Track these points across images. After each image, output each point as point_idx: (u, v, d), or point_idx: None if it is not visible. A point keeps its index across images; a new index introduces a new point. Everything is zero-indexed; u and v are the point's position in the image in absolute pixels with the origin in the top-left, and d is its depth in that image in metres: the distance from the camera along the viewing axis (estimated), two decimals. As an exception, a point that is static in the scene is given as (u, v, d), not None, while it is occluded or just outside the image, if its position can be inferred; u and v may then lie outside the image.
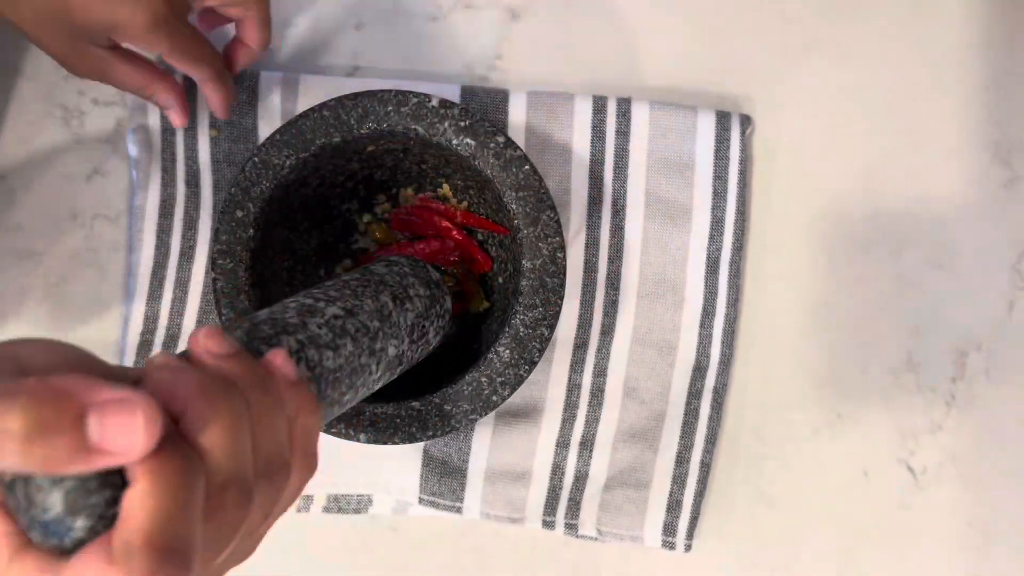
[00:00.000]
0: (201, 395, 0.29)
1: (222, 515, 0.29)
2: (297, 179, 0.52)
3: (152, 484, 0.26)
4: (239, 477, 0.30)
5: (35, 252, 0.62)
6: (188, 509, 0.27)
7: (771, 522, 0.61)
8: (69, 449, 0.25)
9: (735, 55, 0.62)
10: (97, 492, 0.27)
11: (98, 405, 0.26)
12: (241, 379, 0.32)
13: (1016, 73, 0.62)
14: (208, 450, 0.29)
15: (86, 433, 0.25)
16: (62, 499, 0.26)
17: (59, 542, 0.27)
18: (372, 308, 0.44)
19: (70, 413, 0.25)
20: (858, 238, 0.61)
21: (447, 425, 0.50)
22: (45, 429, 0.25)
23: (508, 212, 0.51)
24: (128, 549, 0.26)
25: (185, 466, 0.27)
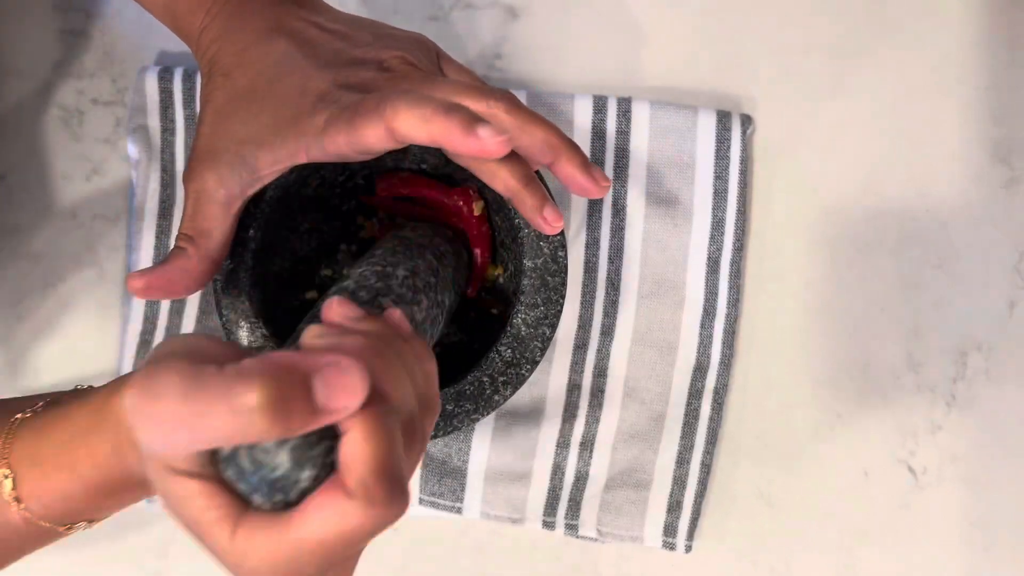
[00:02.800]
0: (372, 350, 0.33)
1: (412, 448, 0.34)
2: (297, 179, 0.52)
3: (368, 430, 0.30)
4: (412, 416, 0.34)
5: (35, 252, 0.62)
6: (397, 445, 0.31)
7: (771, 522, 0.61)
8: (303, 413, 0.29)
9: (735, 55, 0.62)
10: (317, 445, 0.30)
11: (319, 370, 0.29)
12: (384, 334, 0.35)
13: (1016, 73, 0.62)
14: (392, 395, 0.32)
15: (314, 396, 0.29)
16: (289, 456, 0.30)
17: (284, 496, 0.31)
18: (424, 266, 0.47)
19: (300, 382, 0.29)
20: (858, 238, 0.61)
21: (449, 425, 0.50)
22: (284, 399, 0.28)
23: (509, 211, 0.50)
24: (363, 483, 0.30)
25: (385, 412, 0.31)
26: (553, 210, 0.46)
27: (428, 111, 0.41)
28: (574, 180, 0.45)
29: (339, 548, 0.31)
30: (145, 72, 0.61)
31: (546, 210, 0.46)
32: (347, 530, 0.30)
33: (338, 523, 0.30)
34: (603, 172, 0.46)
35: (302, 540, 0.30)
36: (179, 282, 0.47)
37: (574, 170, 0.45)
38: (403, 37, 0.49)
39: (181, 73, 0.61)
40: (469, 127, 0.41)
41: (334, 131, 0.44)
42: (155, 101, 0.61)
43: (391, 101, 0.42)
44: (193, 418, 0.29)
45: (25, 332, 0.62)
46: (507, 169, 0.45)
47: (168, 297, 0.48)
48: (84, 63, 0.63)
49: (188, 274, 0.47)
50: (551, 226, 0.46)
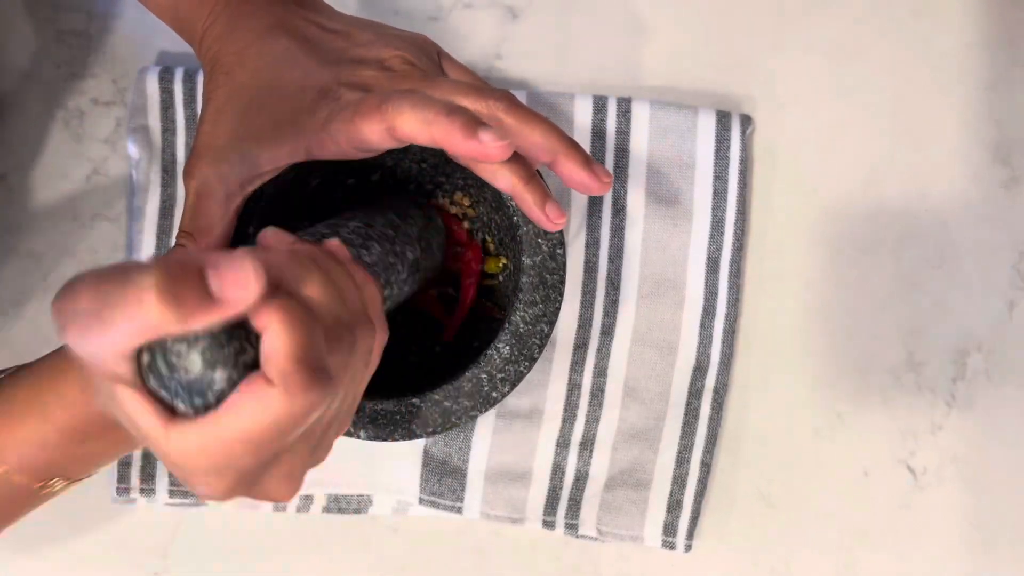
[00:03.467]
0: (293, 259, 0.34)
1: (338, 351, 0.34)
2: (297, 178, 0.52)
3: (284, 322, 0.31)
4: (340, 320, 0.34)
5: (35, 252, 0.62)
6: (316, 337, 0.32)
7: (771, 522, 0.61)
8: (194, 299, 0.29)
9: (735, 55, 0.62)
10: (228, 344, 0.31)
11: (212, 263, 0.30)
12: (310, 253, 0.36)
13: (1016, 73, 0.62)
14: (311, 298, 0.33)
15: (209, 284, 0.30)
16: (200, 356, 0.31)
17: (203, 400, 0.31)
18: (383, 222, 0.48)
19: (193, 269, 0.29)
20: (858, 238, 0.61)
21: (447, 422, 0.50)
22: (174, 282, 0.29)
23: (508, 209, 0.51)
24: (283, 372, 0.31)
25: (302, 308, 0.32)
26: (555, 207, 0.46)
27: (430, 113, 0.41)
28: (576, 177, 0.45)
29: (267, 437, 0.32)
30: (146, 72, 0.61)
31: (548, 207, 0.46)
32: (270, 418, 0.31)
33: (260, 412, 0.31)
34: (605, 168, 0.46)
35: (228, 434, 0.31)
36: None
37: (575, 167, 0.45)
38: (404, 37, 0.49)
39: (182, 73, 0.61)
40: (471, 130, 0.41)
41: (334, 129, 0.44)
42: (156, 101, 0.61)
43: (393, 101, 0.42)
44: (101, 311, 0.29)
45: (25, 332, 0.62)
46: (508, 168, 0.45)
47: None
48: (85, 63, 0.63)
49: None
50: (553, 223, 0.46)
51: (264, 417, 0.31)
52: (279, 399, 0.31)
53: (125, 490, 0.60)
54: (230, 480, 0.33)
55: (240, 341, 0.31)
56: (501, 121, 0.44)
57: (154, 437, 0.32)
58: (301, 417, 0.32)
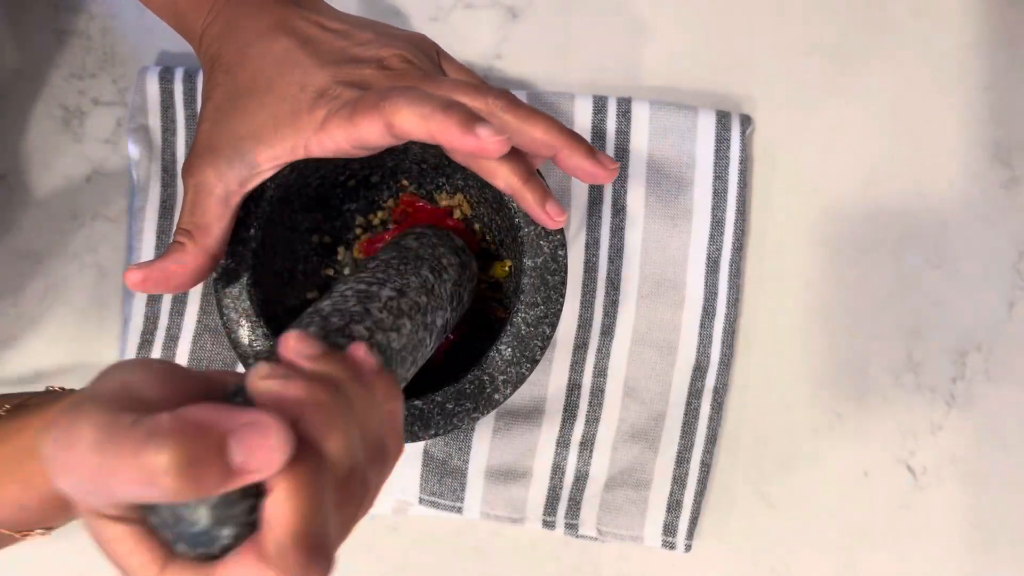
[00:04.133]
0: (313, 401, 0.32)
1: (347, 505, 0.32)
2: (298, 179, 0.52)
3: (291, 490, 0.29)
4: (356, 468, 0.33)
5: (35, 252, 0.62)
6: (324, 507, 0.30)
7: (771, 522, 0.61)
8: (217, 475, 0.28)
9: (735, 55, 0.62)
10: (239, 503, 0.29)
11: (236, 431, 0.28)
12: (337, 376, 0.34)
13: (1016, 73, 0.62)
14: (328, 450, 0.31)
15: (231, 457, 0.28)
16: (208, 513, 0.29)
17: (207, 550, 0.30)
18: (417, 284, 0.46)
19: (214, 443, 0.28)
20: (858, 238, 0.62)
21: (449, 423, 0.50)
22: (195, 462, 0.27)
23: (509, 210, 0.50)
24: (280, 549, 0.29)
25: (315, 469, 0.30)
26: (555, 205, 0.46)
27: (427, 108, 0.41)
28: (581, 169, 0.45)
29: None
30: (146, 72, 0.61)
31: (548, 205, 0.46)
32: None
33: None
34: (609, 156, 0.46)
35: None
36: (177, 276, 0.47)
37: (580, 159, 0.45)
38: (403, 36, 0.49)
39: (182, 73, 0.61)
40: (468, 125, 0.41)
41: (333, 126, 0.44)
42: (156, 101, 0.61)
43: (391, 98, 0.42)
44: (104, 473, 0.28)
45: (25, 332, 0.62)
46: (508, 166, 0.45)
47: (166, 291, 0.48)
48: (85, 63, 0.63)
49: (186, 268, 0.47)
50: (554, 220, 0.46)
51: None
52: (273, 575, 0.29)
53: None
54: None
55: (253, 499, 0.30)
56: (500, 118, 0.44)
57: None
58: None
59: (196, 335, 0.61)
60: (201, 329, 0.61)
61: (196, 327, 0.61)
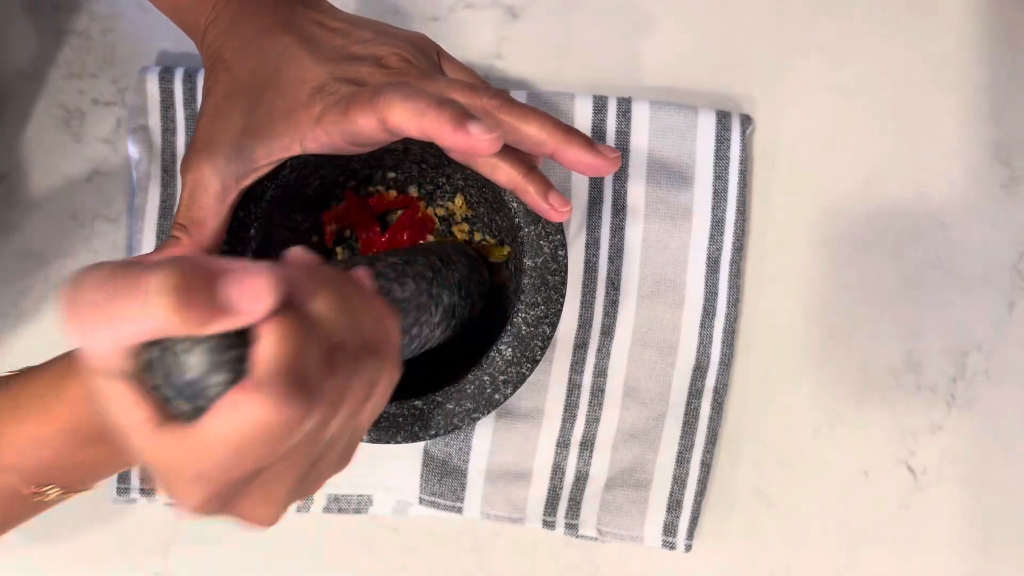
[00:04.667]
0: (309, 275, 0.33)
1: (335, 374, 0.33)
2: (298, 179, 0.52)
3: (279, 334, 0.30)
4: (345, 343, 0.33)
5: (35, 252, 0.62)
6: (308, 353, 0.31)
7: (771, 522, 0.61)
8: (205, 306, 0.29)
9: (735, 55, 0.62)
10: (229, 350, 0.30)
11: (227, 272, 0.29)
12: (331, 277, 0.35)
13: (1016, 73, 0.62)
14: (319, 315, 0.32)
15: (220, 293, 0.29)
16: (201, 358, 0.30)
17: (200, 402, 0.30)
18: (424, 262, 0.48)
19: (206, 276, 0.29)
20: (858, 238, 0.62)
21: (450, 424, 0.50)
22: (188, 288, 0.28)
23: (509, 211, 0.50)
24: (265, 379, 0.30)
25: (303, 322, 0.31)
26: (558, 196, 0.46)
27: (421, 104, 0.41)
28: (581, 162, 0.45)
29: (244, 448, 0.30)
30: (146, 72, 0.61)
31: (551, 196, 0.46)
32: (246, 427, 0.30)
33: (237, 420, 0.30)
34: (608, 146, 0.46)
35: (207, 442, 0.30)
36: None
37: (580, 152, 0.44)
38: (403, 35, 0.49)
39: (182, 73, 0.61)
40: (460, 122, 0.41)
41: (328, 121, 0.44)
42: (156, 101, 0.61)
43: (385, 93, 0.42)
44: (109, 306, 0.29)
45: (26, 332, 0.62)
46: (508, 162, 0.45)
47: None
48: (85, 63, 0.63)
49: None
50: (558, 212, 0.46)
51: (242, 423, 0.30)
52: (258, 406, 0.30)
53: (125, 490, 0.60)
54: (206, 490, 0.32)
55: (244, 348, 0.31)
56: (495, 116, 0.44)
57: (139, 436, 0.31)
58: (280, 429, 0.30)
59: (196, 335, 0.61)
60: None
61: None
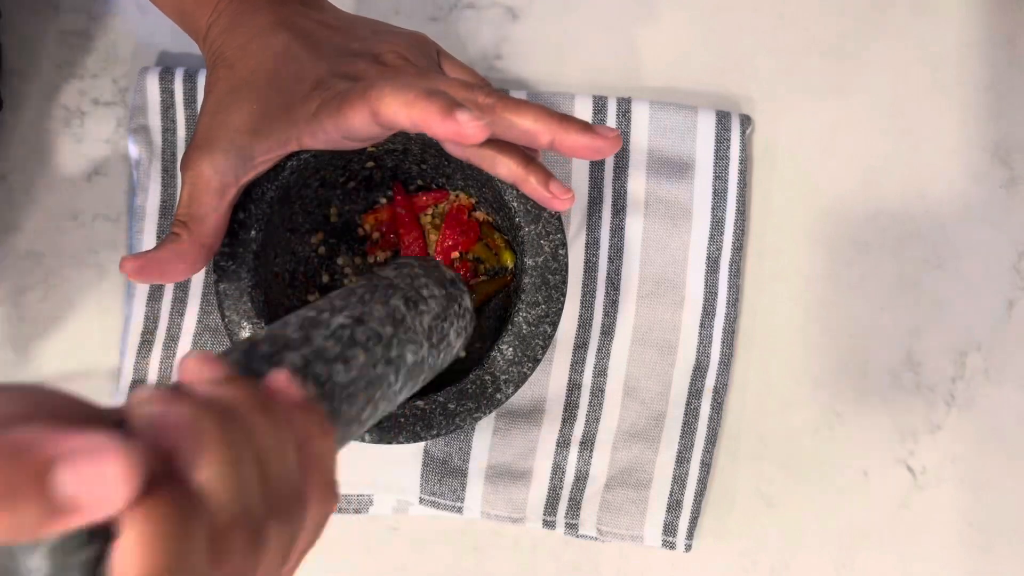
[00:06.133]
0: (193, 427, 0.26)
1: (230, 562, 0.27)
2: (298, 180, 0.52)
3: (141, 535, 0.24)
4: (246, 516, 0.27)
5: (35, 252, 0.62)
6: (187, 555, 0.25)
7: (771, 522, 0.61)
8: (37, 512, 0.22)
9: (735, 55, 0.62)
10: (83, 548, 0.24)
11: (65, 456, 0.23)
12: (240, 405, 0.29)
13: (1016, 73, 0.62)
14: (206, 488, 0.26)
15: (55, 490, 0.23)
16: (44, 560, 0.24)
17: None
18: (383, 314, 0.41)
19: (31, 471, 0.22)
20: (858, 238, 0.62)
21: (451, 424, 0.50)
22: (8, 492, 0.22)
23: (509, 210, 0.51)
24: None
25: (179, 510, 0.25)
26: (559, 184, 0.46)
27: (411, 96, 0.42)
28: (581, 146, 0.44)
29: None
30: (146, 72, 0.61)
31: (552, 185, 0.46)
32: None
33: None
34: (607, 126, 0.45)
35: None
36: (172, 266, 0.48)
37: (577, 136, 0.44)
38: (402, 34, 0.50)
39: (182, 73, 0.61)
40: (448, 110, 0.41)
41: (323, 116, 0.44)
42: (156, 101, 0.61)
43: (377, 86, 0.43)
44: None
45: (26, 332, 0.62)
46: (507, 155, 0.46)
47: (161, 280, 0.48)
48: (85, 64, 0.63)
49: (181, 258, 0.48)
50: (560, 200, 0.46)
51: None
52: None
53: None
54: None
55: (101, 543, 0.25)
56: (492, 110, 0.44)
57: None
58: None
59: (196, 335, 0.61)
60: (201, 329, 0.61)
61: (196, 327, 0.61)
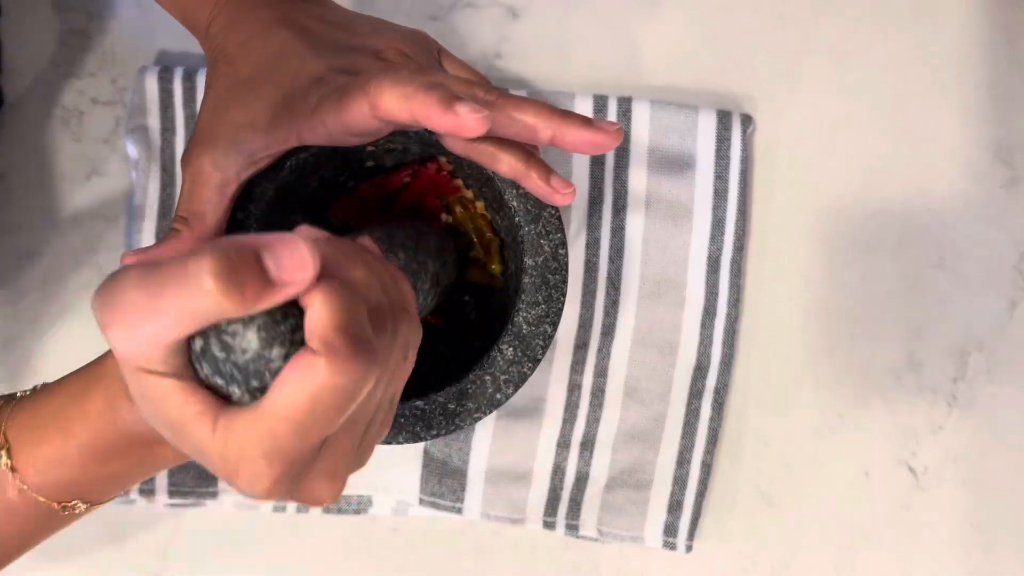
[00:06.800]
0: (335, 248, 0.33)
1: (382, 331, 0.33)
2: (297, 180, 0.52)
3: (327, 297, 0.30)
4: (383, 305, 0.34)
5: (35, 252, 0.62)
6: (358, 311, 0.32)
7: (771, 522, 0.61)
8: (256, 284, 0.29)
9: (735, 55, 0.62)
10: (283, 321, 0.31)
11: (268, 246, 0.30)
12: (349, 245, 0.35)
13: (1016, 73, 0.62)
14: (359, 282, 0.33)
15: (267, 271, 0.29)
16: (256, 333, 0.30)
17: (260, 381, 0.31)
18: (404, 234, 0.48)
19: (250, 256, 0.29)
20: (858, 238, 0.62)
21: (451, 424, 0.50)
22: (235, 270, 0.29)
23: (509, 209, 0.50)
24: (325, 340, 0.30)
25: (344, 286, 0.31)
26: (560, 179, 0.46)
27: (410, 89, 0.42)
28: (582, 140, 0.44)
29: (315, 413, 0.31)
30: (145, 72, 0.61)
31: (553, 179, 0.46)
32: (315, 390, 0.30)
33: (306, 386, 0.30)
34: (608, 120, 0.45)
35: (276, 414, 0.30)
36: None
37: (578, 131, 0.44)
38: (403, 31, 0.50)
39: (181, 73, 0.61)
40: (448, 103, 0.41)
41: (323, 111, 0.44)
42: (155, 101, 0.61)
43: (377, 79, 0.43)
44: (152, 302, 0.29)
45: (25, 332, 0.62)
46: (508, 151, 0.46)
47: None
48: (84, 63, 0.63)
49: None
50: (562, 194, 0.46)
51: (309, 389, 0.30)
52: (323, 368, 0.30)
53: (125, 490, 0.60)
54: (277, 470, 0.32)
55: (295, 318, 0.31)
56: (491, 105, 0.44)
57: (197, 430, 0.31)
58: (346, 389, 0.31)
59: (196, 335, 0.61)
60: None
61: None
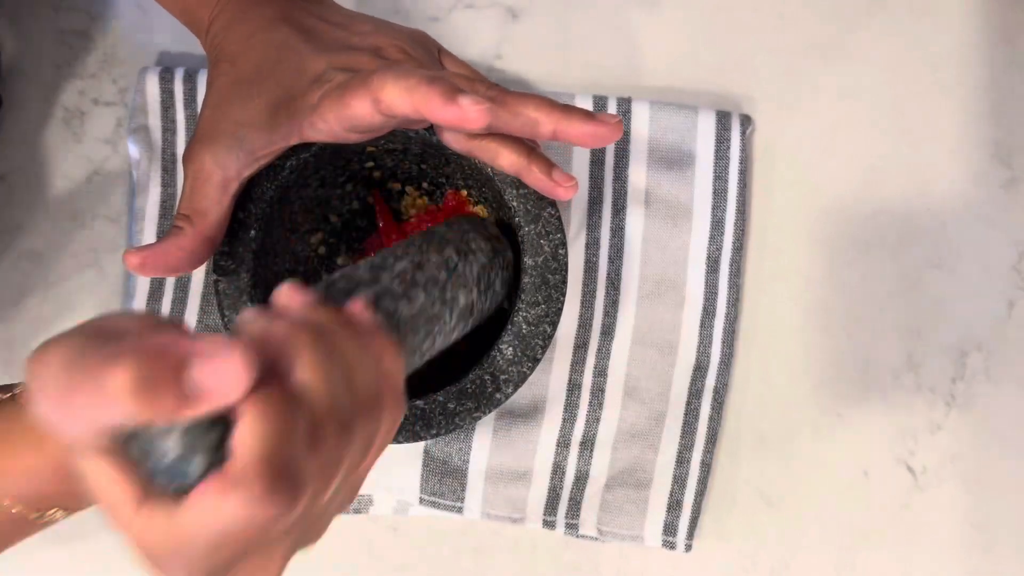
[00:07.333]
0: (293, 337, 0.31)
1: (325, 448, 0.31)
2: (297, 180, 0.52)
3: (257, 416, 0.29)
4: (337, 410, 0.32)
5: (35, 252, 0.62)
6: (293, 438, 0.29)
7: (771, 522, 0.61)
8: (174, 396, 0.27)
9: (735, 55, 0.62)
10: (208, 432, 0.29)
11: (196, 353, 0.28)
12: (328, 323, 0.34)
13: (1016, 73, 0.62)
14: (304, 385, 0.31)
15: (188, 380, 0.28)
16: (178, 442, 0.29)
17: (183, 481, 0.29)
18: (438, 261, 0.46)
19: (171, 364, 0.28)
20: (858, 238, 0.62)
21: (451, 423, 0.50)
22: (152, 380, 0.27)
23: (509, 210, 0.50)
24: (243, 474, 0.28)
25: (285, 399, 0.30)
26: (562, 172, 0.46)
27: (412, 81, 0.42)
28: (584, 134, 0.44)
29: (224, 541, 0.29)
30: (146, 72, 0.61)
31: (555, 173, 0.46)
32: (225, 522, 0.29)
33: (216, 514, 0.29)
34: (608, 114, 0.45)
35: (188, 528, 0.29)
36: (175, 259, 0.48)
37: (579, 125, 0.44)
38: (403, 30, 0.50)
39: (182, 73, 0.61)
40: (450, 95, 0.41)
41: (325, 107, 0.45)
42: (156, 101, 0.61)
43: (378, 74, 0.43)
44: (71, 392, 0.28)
45: (26, 332, 0.62)
46: (509, 146, 0.46)
47: (164, 274, 0.49)
48: (85, 63, 0.63)
49: (184, 252, 0.48)
50: (564, 188, 0.46)
51: (222, 518, 0.29)
52: (234, 503, 0.28)
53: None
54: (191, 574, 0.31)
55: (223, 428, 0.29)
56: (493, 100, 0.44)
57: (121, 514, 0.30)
58: (261, 524, 0.29)
59: (196, 335, 0.61)
60: (201, 329, 0.61)
61: (196, 327, 0.61)
